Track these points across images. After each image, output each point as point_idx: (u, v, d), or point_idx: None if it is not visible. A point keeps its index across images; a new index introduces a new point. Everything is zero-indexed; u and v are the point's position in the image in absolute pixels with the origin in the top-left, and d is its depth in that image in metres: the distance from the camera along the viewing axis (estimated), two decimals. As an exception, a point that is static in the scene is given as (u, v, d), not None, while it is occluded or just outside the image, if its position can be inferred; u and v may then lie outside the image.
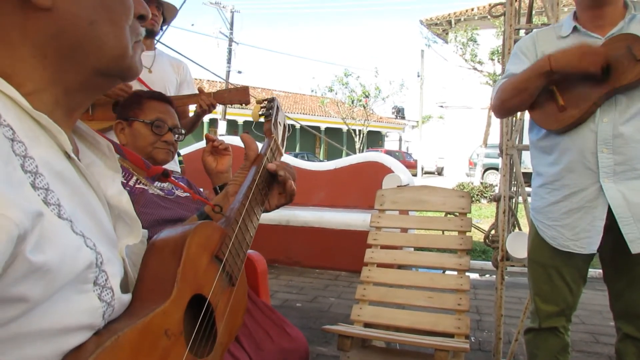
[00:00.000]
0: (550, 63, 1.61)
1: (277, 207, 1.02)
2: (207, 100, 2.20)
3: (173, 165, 2.50)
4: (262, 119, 1.11)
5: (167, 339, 0.61)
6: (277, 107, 1.14)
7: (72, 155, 0.61)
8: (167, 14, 2.52)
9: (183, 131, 1.74)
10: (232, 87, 2.49)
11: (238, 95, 2.25)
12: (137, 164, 0.98)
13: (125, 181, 1.53)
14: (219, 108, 19.26)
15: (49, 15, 0.57)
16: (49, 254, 0.50)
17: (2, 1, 0.55)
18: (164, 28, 2.62)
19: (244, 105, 2.30)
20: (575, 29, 1.71)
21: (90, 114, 2.11)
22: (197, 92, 2.32)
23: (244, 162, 1.03)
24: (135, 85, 2.17)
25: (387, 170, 4.99)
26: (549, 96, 1.67)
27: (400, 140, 37.76)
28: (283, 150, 1.12)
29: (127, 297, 0.64)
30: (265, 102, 1.13)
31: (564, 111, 1.64)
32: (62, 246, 0.52)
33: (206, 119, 23.05)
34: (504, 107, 1.80)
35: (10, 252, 0.45)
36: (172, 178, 1.12)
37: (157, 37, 2.62)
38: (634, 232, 1.56)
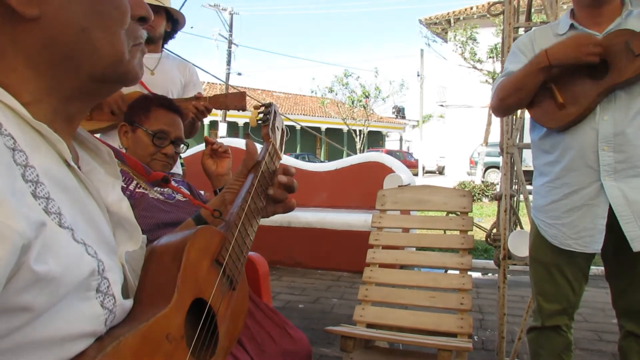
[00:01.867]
0: (547, 58, 1.61)
1: (274, 214, 1.02)
2: (199, 105, 2.18)
3: (175, 168, 2.50)
4: (260, 124, 1.11)
5: (169, 344, 0.61)
6: (275, 112, 1.14)
7: (72, 163, 0.60)
8: (179, 18, 2.51)
9: (185, 144, 1.72)
10: (232, 89, 2.47)
11: (234, 100, 2.22)
12: (137, 170, 0.98)
13: (125, 185, 1.52)
14: (220, 110, 19.27)
15: (38, 25, 0.55)
16: (51, 263, 0.49)
17: None
18: (174, 35, 2.60)
19: (240, 111, 2.28)
20: (572, 26, 1.71)
21: (88, 114, 2.10)
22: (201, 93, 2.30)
23: (240, 167, 1.02)
24: (136, 88, 2.16)
25: (388, 170, 4.99)
26: (548, 94, 1.67)
27: (400, 140, 37.76)
28: (282, 155, 1.12)
29: (129, 303, 0.64)
30: (263, 108, 1.13)
31: (563, 109, 1.64)
32: (65, 255, 0.52)
33: (206, 121, 23.07)
34: (503, 105, 1.79)
35: (15, 262, 0.45)
36: (172, 182, 1.12)
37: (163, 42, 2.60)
38: (634, 230, 1.56)
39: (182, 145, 1.70)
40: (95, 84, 0.63)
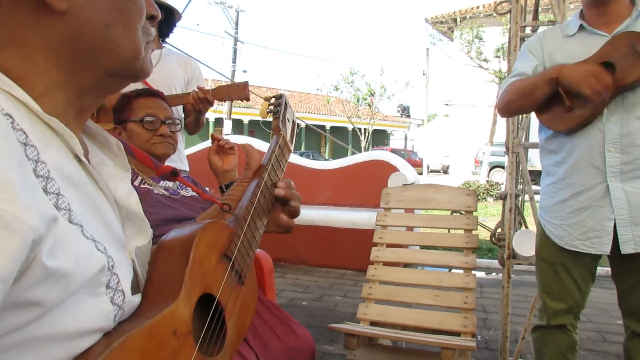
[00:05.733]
0: (558, 73, 1.60)
1: (279, 225, 0.99)
2: (201, 95, 2.17)
3: (182, 164, 2.50)
4: (270, 117, 1.10)
5: (176, 339, 0.61)
6: (286, 104, 1.13)
7: (83, 158, 0.61)
8: (171, 9, 2.50)
9: (178, 121, 1.75)
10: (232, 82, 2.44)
11: (237, 90, 2.20)
12: (145, 163, 0.97)
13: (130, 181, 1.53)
14: (224, 107, 19.26)
15: (64, 19, 0.56)
16: (62, 259, 0.50)
17: (16, 3, 0.55)
18: (172, 28, 2.60)
19: (244, 101, 2.26)
20: (581, 27, 1.71)
21: (95, 116, 2.11)
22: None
23: (244, 171, 1.01)
24: (138, 86, 2.16)
25: (393, 169, 4.99)
26: (556, 97, 1.67)
27: (405, 138, 37.65)
28: (292, 147, 1.11)
29: (137, 299, 0.64)
30: (273, 99, 1.12)
31: (570, 112, 1.64)
32: (75, 251, 0.52)
33: (211, 118, 23.07)
34: (509, 108, 1.80)
35: (26, 256, 0.45)
36: (180, 177, 1.12)
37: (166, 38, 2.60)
38: (627, 234, 1.59)
39: (177, 123, 1.73)
40: (110, 79, 0.64)
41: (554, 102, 1.67)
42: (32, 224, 0.45)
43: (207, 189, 1.83)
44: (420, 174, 15.52)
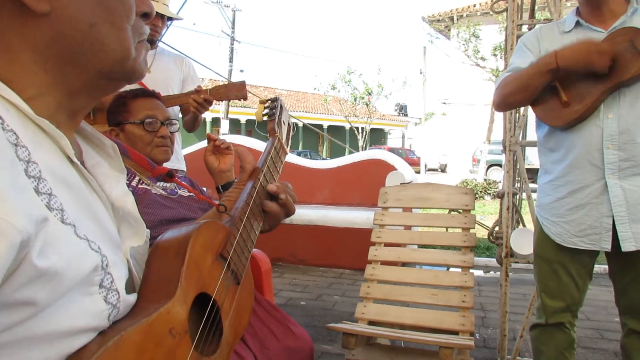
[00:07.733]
0: (556, 60, 1.59)
1: (274, 224, 1.00)
2: (199, 97, 2.18)
3: (179, 164, 2.50)
4: (265, 119, 1.11)
5: (172, 338, 0.61)
6: (281, 107, 1.14)
7: (75, 159, 0.60)
8: (172, 16, 2.52)
9: (175, 121, 1.74)
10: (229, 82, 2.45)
11: (235, 90, 2.21)
12: (141, 165, 0.97)
13: (127, 182, 1.52)
14: (222, 107, 19.25)
15: (47, 20, 0.55)
16: (53, 258, 0.50)
17: None
18: (168, 25, 2.60)
19: (241, 100, 2.27)
20: (578, 23, 1.71)
21: (92, 118, 2.10)
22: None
23: (240, 174, 1.02)
24: (133, 87, 2.15)
25: (390, 168, 4.99)
26: (552, 92, 1.67)
27: (403, 137, 37.69)
28: (288, 149, 1.11)
29: (133, 298, 0.64)
30: (269, 102, 1.13)
31: (567, 107, 1.64)
32: (67, 250, 0.52)
33: (208, 118, 23.03)
34: (506, 102, 1.79)
35: (13, 258, 0.45)
36: (176, 178, 1.12)
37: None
38: (626, 231, 1.58)
39: (174, 124, 1.72)
40: (101, 80, 0.63)
41: (550, 97, 1.67)
42: (19, 226, 0.45)
43: (205, 189, 1.83)
44: (418, 172, 15.54)
